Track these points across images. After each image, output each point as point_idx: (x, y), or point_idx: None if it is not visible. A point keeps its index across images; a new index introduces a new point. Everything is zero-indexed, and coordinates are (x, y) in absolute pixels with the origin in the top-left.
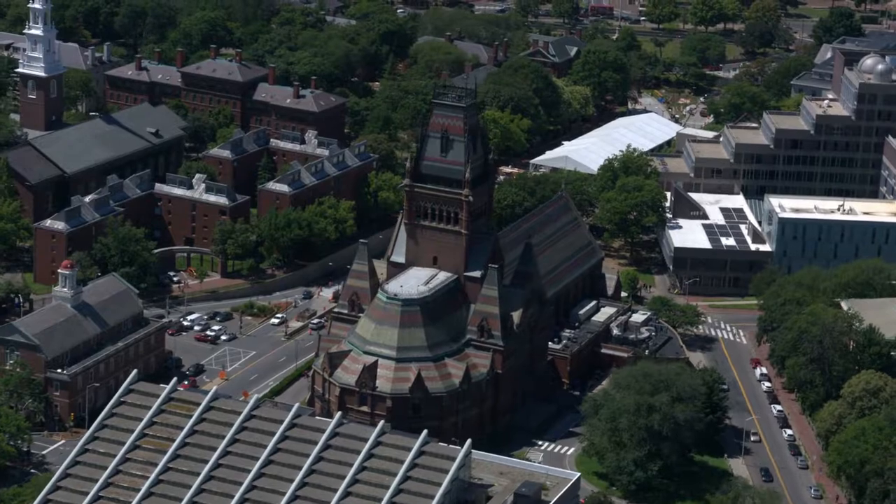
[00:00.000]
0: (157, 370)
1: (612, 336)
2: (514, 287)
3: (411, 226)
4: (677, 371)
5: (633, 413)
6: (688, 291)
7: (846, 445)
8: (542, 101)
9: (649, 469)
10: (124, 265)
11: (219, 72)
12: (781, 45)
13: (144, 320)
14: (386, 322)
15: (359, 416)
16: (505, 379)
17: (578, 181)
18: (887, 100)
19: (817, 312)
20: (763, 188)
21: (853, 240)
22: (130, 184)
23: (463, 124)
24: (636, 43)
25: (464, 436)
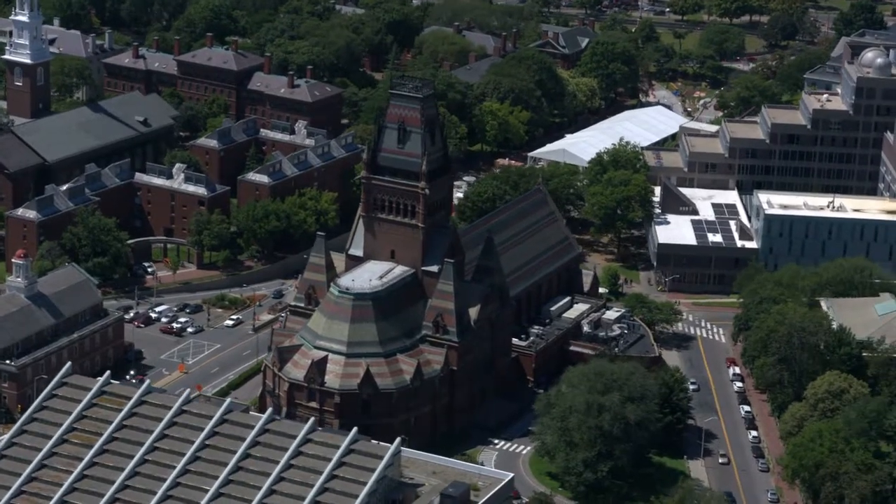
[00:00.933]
0: (115, 362)
1: (582, 333)
2: (472, 282)
3: (368, 219)
4: (630, 370)
5: (584, 413)
6: (670, 288)
7: (801, 448)
8: (546, 93)
9: (599, 470)
10: (96, 255)
11: (214, 60)
12: (806, 38)
13: (104, 311)
14: (337, 316)
15: (307, 412)
16: (461, 376)
17: (566, 175)
18: (886, 94)
19: (786, 312)
20: (759, 184)
21: (841, 237)
22: (109, 173)
23: (420, 115)
24: (654, 34)
25: (417, 433)
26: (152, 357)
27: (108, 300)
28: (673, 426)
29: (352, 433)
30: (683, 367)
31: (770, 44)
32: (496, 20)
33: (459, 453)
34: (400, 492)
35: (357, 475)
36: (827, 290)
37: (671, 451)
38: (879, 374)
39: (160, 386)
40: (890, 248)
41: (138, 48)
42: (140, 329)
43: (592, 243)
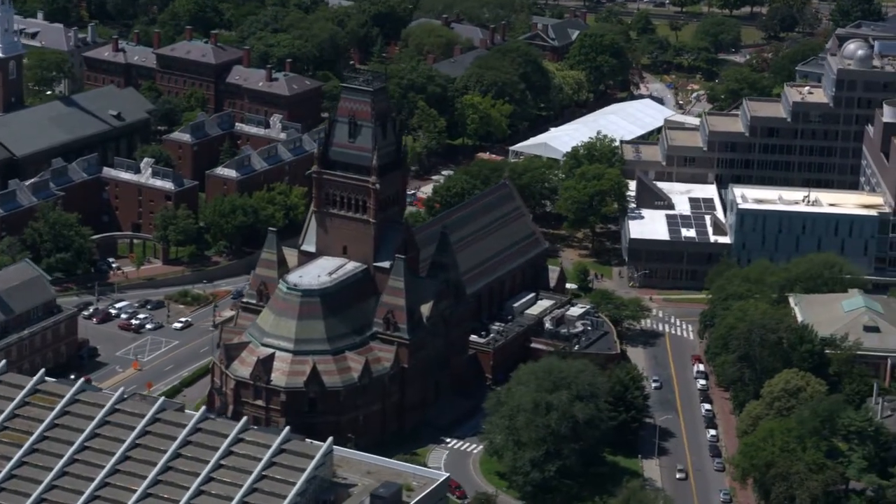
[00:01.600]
0: (68, 359)
1: (543, 330)
2: (425, 278)
3: (320, 214)
4: (580, 368)
5: (531, 411)
6: (642, 284)
7: (752, 448)
8: (531, 86)
9: (546, 470)
10: (59, 251)
11: (193, 54)
12: (806, 30)
13: (57, 308)
14: (285, 313)
15: (254, 411)
16: (412, 374)
17: (540, 169)
18: (867, 86)
19: (746, 308)
20: (738, 178)
21: (815, 232)
22: (76, 167)
23: (371, 109)
24: (650, 26)
25: (366, 432)
26: (108, 354)
27: (70, 296)
28: (627, 425)
29: (283, 432)
30: (648, 364)
31: (769, 35)
32: (488, 12)
33: (409, 452)
34: (332, 492)
35: (287, 475)
36: (796, 286)
37: (625, 450)
38: (842, 371)
39: (113, 383)
40: (865, 242)
41: (118, 41)
42: (98, 326)
43: (567, 238)
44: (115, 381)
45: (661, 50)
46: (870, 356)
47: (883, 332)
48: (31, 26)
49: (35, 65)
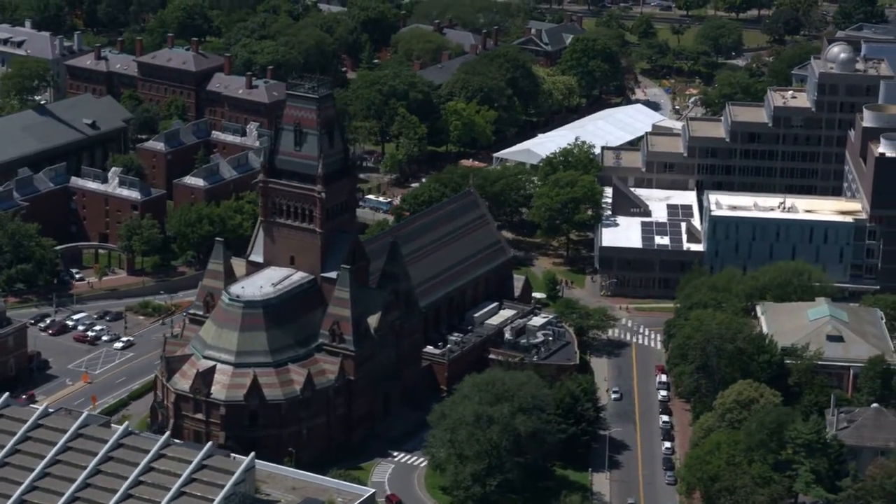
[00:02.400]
0: (17, 372)
1: (503, 340)
2: (373, 289)
3: (267, 223)
4: (524, 380)
5: (473, 424)
6: (613, 292)
7: (698, 461)
8: (519, 92)
9: (488, 484)
10: (20, 262)
11: (174, 61)
12: (811, 33)
13: (6, 320)
14: (227, 325)
15: (194, 425)
16: (359, 386)
17: (514, 176)
18: (849, 90)
19: (703, 318)
20: (719, 184)
21: (790, 239)
22: (43, 177)
23: (316, 116)
24: (651, 30)
25: (310, 445)
26: (60, 366)
27: (30, 308)
28: (577, 438)
29: (206, 448)
30: (612, 374)
31: (773, 39)
32: (483, 17)
33: (354, 466)
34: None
35: (206, 492)
36: (766, 294)
37: (576, 463)
38: (802, 381)
39: (61, 397)
40: (840, 250)
41: (100, 49)
42: (52, 337)
43: (543, 246)
44: (64, 395)
45: (660, 54)
46: (832, 366)
47: (847, 341)
48: (17, 35)
49: (16, 73)
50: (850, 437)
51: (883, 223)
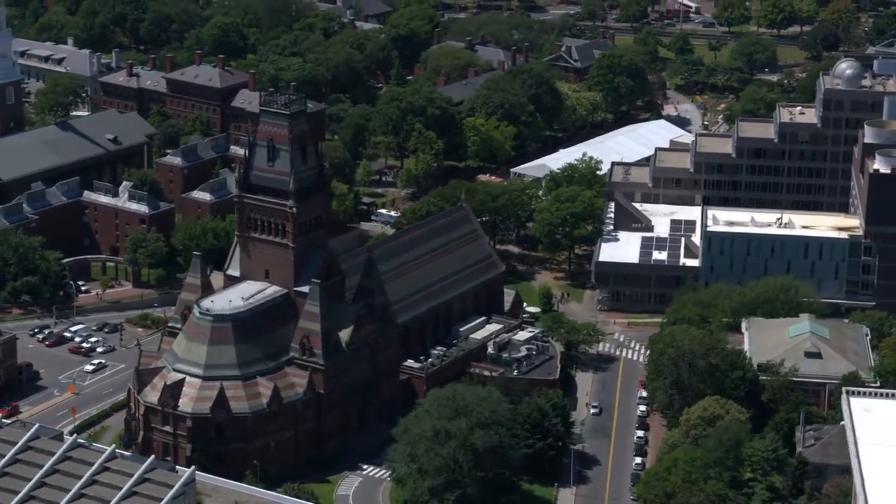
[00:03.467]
0: (6, 383)
1: (486, 354)
2: (346, 304)
3: (242, 238)
4: (484, 395)
5: (431, 439)
6: (609, 307)
7: (655, 478)
8: (542, 108)
9: (445, 499)
10: (27, 274)
11: (200, 78)
12: (851, 49)
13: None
14: (197, 338)
15: (162, 437)
16: (329, 399)
17: (517, 191)
18: (855, 106)
19: (675, 333)
20: (726, 199)
21: (785, 255)
22: (56, 191)
23: (288, 133)
24: (688, 46)
25: (278, 459)
26: (51, 377)
27: (32, 319)
28: (544, 452)
29: (148, 461)
30: (595, 388)
31: (810, 55)
32: (518, 34)
33: (322, 479)
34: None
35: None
36: (756, 309)
37: (543, 478)
38: (777, 398)
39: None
40: (836, 266)
41: (132, 67)
42: (48, 349)
43: (547, 260)
44: (49, 406)
45: (694, 70)
46: (809, 383)
47: (825, 358)
48: (58, 52)
49: (50, 90)
50: (815, 455)
51: (878, 240)
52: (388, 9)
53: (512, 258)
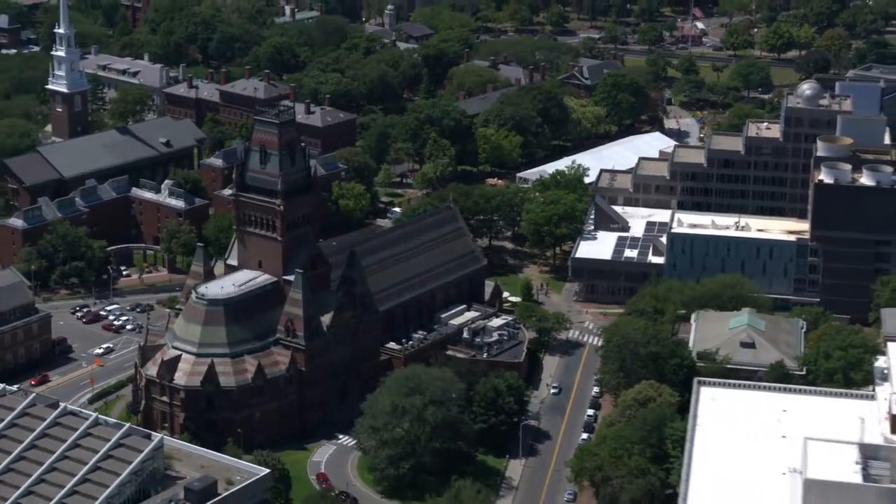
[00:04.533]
0: (41, 354)
1: (461, 338)
2: (329, 291)
3: (240, 232)
4: (437, 376)
5: (389, 414)
6: (584, 298)
7: (586, 452)
8: (550, 120)
9: (401, 466)
10: (73, 259)
11: (248, 90)
12: (840, 72)
13: (34, 310)
14: (193, 319)
15: (161, 406)
16: (310, 376)
17: (510, 194)
18: (812, 123)
19: (621, 323)
20: (698, 204)
21: (739, 255)
22: (108, 187)
23: (278, 139)
24: (693, 67)
25: (263, 428)
26: (82, 351)
27: (76, 299)
28: (497, 428)
29: (124, 429)
30: (559, 371)
31: (802, 77)
32: (540, 55)
33: (301, 447)
34: (161, 483)
35: (116, 467)
36: (708, 303)
37: (497, 450)
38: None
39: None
40: (784, 265)
41: (192, 79)
42: (85, 325)
43: (537, 256)
44: (75, 376)
45: (696, 89)
46: (742, 370)
47: (758, 348)
48: (134, 66)
49: (121, 99)
50: None
51: (823, 242)
52: (431, 31)
53: (505, 253)
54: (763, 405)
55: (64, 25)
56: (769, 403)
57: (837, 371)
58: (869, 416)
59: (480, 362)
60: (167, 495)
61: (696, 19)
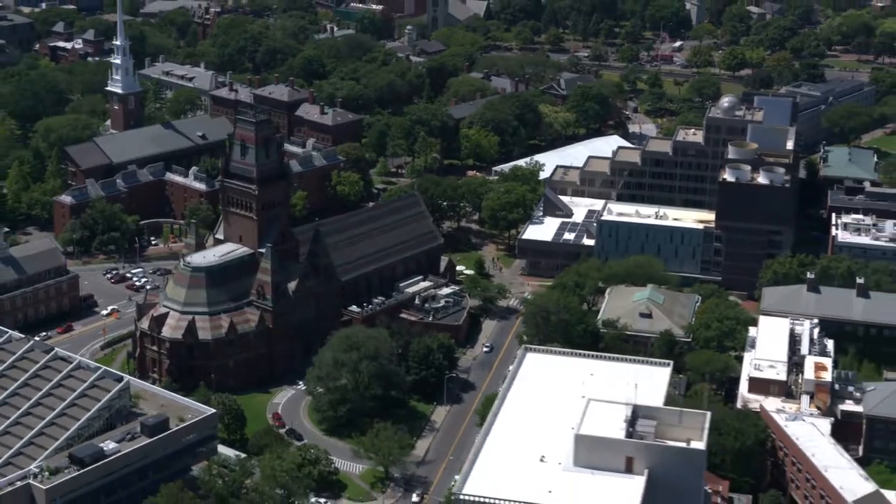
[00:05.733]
0: (70, 308)
1: (413, 304)
2: (296, 262)
3: (225, 212)
4: (371, 335)
5: (331, 366)
6: (529, 272)
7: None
8: (526, 123)
9: (339, 410)
10: (110, 231)
11: (275, 93)
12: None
13: (65, 271)
14: (180, 283)
15: (152, 354)
16: (277, 332)
17: (476, 184)
18: (729, 130)
19: (539, 294)
20: (634, 196)
21: (656, 240)
22: (146, 172)
23: (254, 135)
24: (659, 81)
25: (236, 374)
26: (105, 306)
27: (110, 263)
28: (427, 379)
29: (99, 372)
30: (494, 333)
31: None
32: (529, 69)
33: (265, 391)
34: (125, 419)
35: (88, 404)
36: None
37: (428, 398)
38: (611, 347)
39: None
40: (693, 249)
41: (232, 84)
42: (113, 285)
43: (496, 236)
44: (94, 326)
45: (658, 99)
46: (639, 336)
47: (654, 318)
48: (191, 73)
49: (174, 100)
50: None
51: (725, 231)
52: (443, 48)
53: (471, 233)
54: (576, 370)
55: (120, 38)
56: (582, 369)
57: (714, 339)
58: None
59: (420, 324)
60: (126, 428)
61: (664, 42)
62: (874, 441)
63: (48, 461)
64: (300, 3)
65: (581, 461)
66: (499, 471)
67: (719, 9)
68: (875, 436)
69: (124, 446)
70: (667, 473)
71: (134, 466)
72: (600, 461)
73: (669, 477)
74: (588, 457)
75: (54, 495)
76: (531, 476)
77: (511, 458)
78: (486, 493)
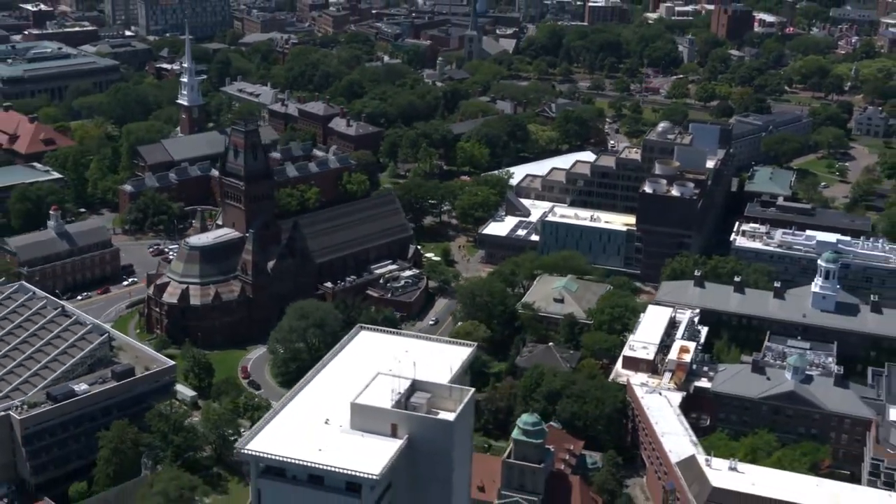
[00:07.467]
0: (112, 274)
1: (377, 283)
2: (277, 245)
3: (223, 203)
4: (318, 306)
5: (287, 331)
6: (486, 261)
7: None
8: (515, 138)
9: (290, 366)
10: (159, 214)
11: (314, 109)
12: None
13: (109, 244)
14: (180, 259)
15: (156, 314)
16: (256, 302)
17: (454, 186)
18: (661, 150)
19: (471, 280)
20: (584, 202)
21: (588, 239)
22: (196, 168)
23: (244, 141)
24: (639, 108)
25: (221, 334)
26: (141, 274)
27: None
28: None
29: (90, 325)
30: (444, 310)
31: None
32: (532, 95)
33: (242, 349)
34: (105, 366)
35: (74, 352)
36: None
37: None
38: (526, 325)
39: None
40: (618, 247)
41: (283, 100)
42: (152, 257)
43: (468, 230)
44: (125, 290)
45: (636, 123)
46: (551, 318)
47: (565, 303)
48: (257, 90)
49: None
50: (522, 361)
51: (643, 233)
52: (468, 75)
53: (449, 227)
54: (395, 348)
55: (188, 60)
56: (400, 347)
57: (605, 322)
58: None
59: (380, 299)
60: (100, 374)
61: (649, 76)
62: (719, 413)
63: (30, 397)
64: (360, 37)
65: (356, 425)
66: (284, 431)
67: (706, 51)
68: (720, 408)
69: (95, 388)
70: (423, 439)
71: (100, 405)
72: (371, 426)
73: (425, 441)
74: (362, 422)
75: (28, 424)
76: (309, 437)
77: (300, 421)
78: (263, 449)
